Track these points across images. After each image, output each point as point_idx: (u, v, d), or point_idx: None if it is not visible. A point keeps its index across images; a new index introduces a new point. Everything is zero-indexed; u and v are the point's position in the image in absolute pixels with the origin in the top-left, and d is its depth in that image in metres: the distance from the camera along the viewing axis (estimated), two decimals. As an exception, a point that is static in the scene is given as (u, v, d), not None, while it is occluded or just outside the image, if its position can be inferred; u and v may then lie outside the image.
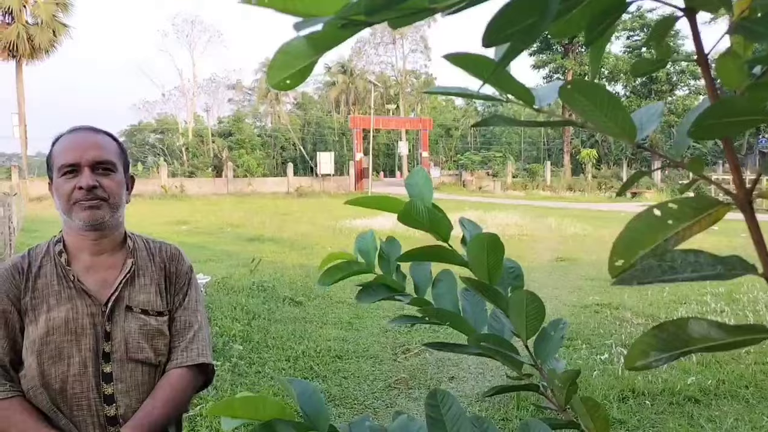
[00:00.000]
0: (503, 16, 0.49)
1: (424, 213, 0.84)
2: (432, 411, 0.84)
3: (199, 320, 1.68)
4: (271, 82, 0.57)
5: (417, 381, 4.92)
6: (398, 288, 1.01)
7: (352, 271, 1.05)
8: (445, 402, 0.85)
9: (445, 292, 1.00)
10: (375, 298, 1.01)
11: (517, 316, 0.88)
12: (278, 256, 11.85)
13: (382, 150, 57.81)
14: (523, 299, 0.86)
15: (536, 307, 0.86)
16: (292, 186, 35.13)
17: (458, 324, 0.94)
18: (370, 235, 1.07)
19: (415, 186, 0.90)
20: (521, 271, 0.96)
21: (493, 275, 0.87)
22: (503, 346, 0.89)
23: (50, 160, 1.58)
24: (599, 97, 0.58)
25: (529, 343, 0.91)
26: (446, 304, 0.99)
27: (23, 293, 1.53)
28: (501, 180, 39.61)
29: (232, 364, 5.15)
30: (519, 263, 0.98)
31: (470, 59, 0.61)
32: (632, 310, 7.19)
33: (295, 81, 0.57)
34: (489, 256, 0.86)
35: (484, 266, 0.87)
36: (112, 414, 1.51)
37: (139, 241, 1.68)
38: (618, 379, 4.82)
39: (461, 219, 1.00)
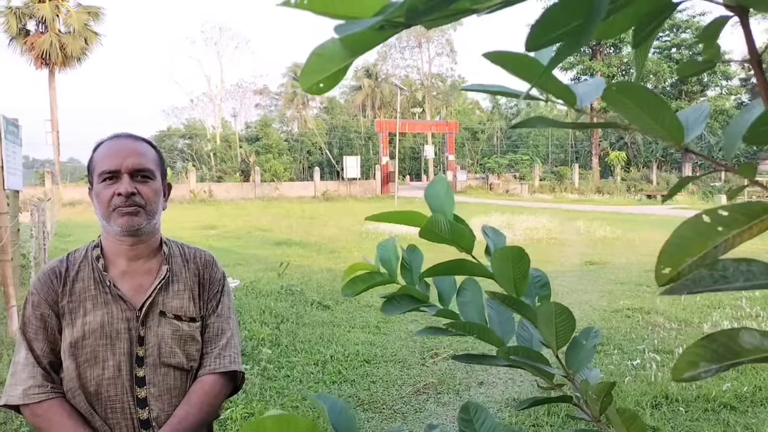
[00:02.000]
0: (548, 19, 0.48)
1: (446, 227, 0.82)
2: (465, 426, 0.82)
3: (231, 327, 1.69)
4: (305, 85, 0.56)
5: (446, 386, 4.89)
6: (422, 298, 1.00)
7: (375, 282, 1.04)
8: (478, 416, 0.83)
9: (470, 301, 0.99)
10: (400, 310, 1.00)
11: (546, 327, 0.86)
12: (306, 260, 11.91)
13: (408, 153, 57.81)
14: (552, 311, 0.84)
15: (566, 318, 0.84)
16: (319, 190, 35.28)
17: (486, 336, 0.93)
18: (391, 243, 1.05)
19: (436, 197, 0.88)
20: (547, 280, 0.94)
21: (519, 288, 0.85)
22: (533, 358, 0.87)
23: (91, 165, 1.60)
24: (644, 98, 0.57)
25: (559, 353, 0.89)
26: (472, 312, 0.97)
27: (61, 297, 1.56)
28: (528, 183, 39.29)
29: (261, 367, 5.18)
30: (546, 270, 0.96)
31: (512, 58, 0.60)
32: (665, 314, 7.06)
33: (329, 85, 0.57)
34: (514, 269, 0.84)
35: (510, 279, 0.85)
36: (145, 417, 1.53)
37: (174, 247, 1.69)
38: (651, 385, 4.73)
39: (484, 227, 0.98)
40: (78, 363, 1.52)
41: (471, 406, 0.79)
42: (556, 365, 0.89)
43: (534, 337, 0.95)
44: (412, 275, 1.02)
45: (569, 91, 0.65)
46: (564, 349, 0.88)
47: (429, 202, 0.88)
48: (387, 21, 0.47)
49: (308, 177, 41.53)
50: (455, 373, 5.17)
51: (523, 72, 0.61)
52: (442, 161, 46.34)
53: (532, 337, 0.95)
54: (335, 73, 0.55)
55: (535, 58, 0.61)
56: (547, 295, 0.92)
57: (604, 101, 0.60)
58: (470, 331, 0.93)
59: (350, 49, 0.53)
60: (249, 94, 56.15)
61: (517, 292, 0.84)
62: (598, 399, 0.83)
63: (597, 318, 6.98)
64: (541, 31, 0.49)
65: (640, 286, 8.91)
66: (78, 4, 34.39)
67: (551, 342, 0.85)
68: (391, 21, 0.48)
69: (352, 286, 1.03)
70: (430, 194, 0.88)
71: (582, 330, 0.91)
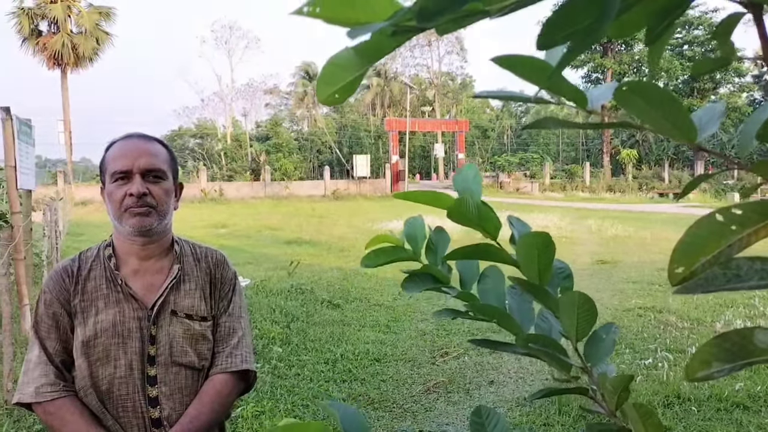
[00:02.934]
0: (560, 17, 0.48)
1: (474, 210, 0.82)
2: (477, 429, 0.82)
3: (242, 327, 1.69)
4: (321, 97, 0.57)
5: (456, 385, 4.88)
6: (444, 280, 0.99)
7: (399, 257, 1.03)
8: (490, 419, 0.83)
9: (491, 288, 0.98)
10: (421, 288, 0.99)
11: (568, 317, 0.85)
12: (316, 258, 11.93)
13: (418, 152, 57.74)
14: (575, 301, 0.83)
15: (588, 309, 0.84)
16: (329, 189, 35.31)
17: (505, 322, 0.92)
18: (419, 220, 1.04)
19: (464, 182, 0.88)
20: (571, 272, 0.94)
21: (543, 275, 0.85)
22: (552, 347, 0.87)
23: (103, 165, 1.60)
24: (657, 97, 0.56)
25: (578, 346, 0.89)
26: (492, 300, 0.97)
27: (73, 296, 1.57)
28: (539, 181, 39.14)
29: (272, 366, 5.19)
30: (567, 264, 0.95)
31: (521, 61, 0.59)
32: (677, 313, 7.02)
33: (344, 94, 0.57)
34: (540, 256, 0.83)
35: (535, 266, 0.84)
36: (156, 416, 1.54)
37: (185, 246, 1.70)
38: (663, 385, 4.70)
39: (509, 217, 0.97)
40: (90, 362, 1.53)
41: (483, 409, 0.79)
42: (574, 357, 0.89)
43: (553, 329, 0.94)
44: (437, 256, 1.01)
45: (579, 93, 0.65)
46: (583, 342, 0.88)
47: (457, 186, 0.87)
48: (398, 25, 0.47)
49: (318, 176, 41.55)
50: (465, 372, 5.16)
51: (532, 75, 0.61)
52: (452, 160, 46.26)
53: (551, 329, 0.95)
54: (350, 82, 0.55)
55: (543, 61, 0.61)
56: (570, 287, 0.92)
57: (616, 101, 0.60)
58: (490, 315, 0.93)
59: (364, 57, 0.54)
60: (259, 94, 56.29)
61: (540, 280, 0.84)
62: (615, 392, 0.83)
63: (609, 317, 6.95)
64: (552, 29, 0.49)
65: (652, 284, 8.86)
66: (89, 5, 34.61)
67: (571, 333, 0.85)
68: (402, 25, 0.48)
69: (374, 258, 1.02)
70: (459, 180, 0.88)
71: (603, 325, 0.91)
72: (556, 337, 0.93)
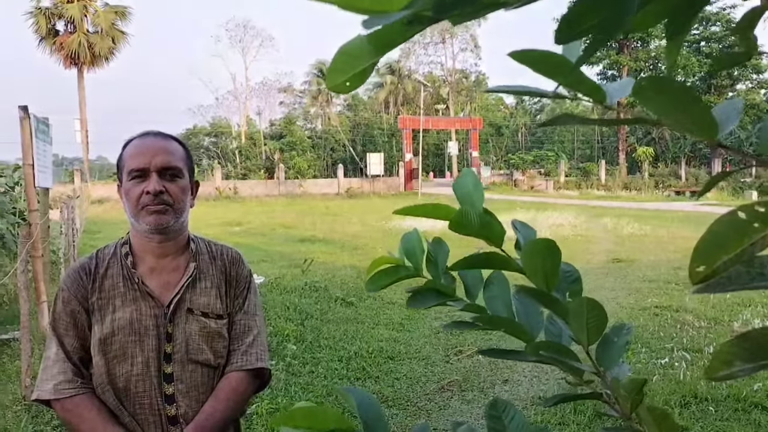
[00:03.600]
0: (578, 11, 0.47)
1: (475, 219, 0.81)
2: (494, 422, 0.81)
3: (258, 325, 1.70)
4: (330, 84, 0.56)
5: (470, 383, 4.87)
6: (449, 292, 0.99)
7: (400, 276, 1.03)
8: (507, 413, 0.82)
9: (497, 295, 0.97)
10: (426, 305, 0.99)
11: (578, 323, 0.84)
12: (329, 256, 11.95)
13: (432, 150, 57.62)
14: (584, 307, 0.82)
15: (597, 315, 0.83)
16: (342, 187, 35.36)
17: (513, 330, 0.91)
18: (414, 235, 1.03)
19: (464, 189, 0.86)
20: (579, 275, 0.92)
21: (550, 282, 0.84)
22: (563, 354, 0.86)
23: (120, 163, 1.61)
24: (676, 93, 0.55)
25: (590, 349, 0.88)
26: (499, 307, 0.96)
27: (91, 293, 1.58)
28: (553, 179, 38.90)
29: (286, 363, 5.21)
30: (575, 265, 0.94)
31: (539, 56, 0.59)
32: (693, 312, 6.95)
33: (355, 83, 0.56)
34: (545, 262, 0.82)
35: (540, 273, 0.83)
36: (172, 413, 1.55)
37: (201, 244, 1.71)
38: (679, 384, 4.66)
39: (513, 221, 0.96)
40: (107, 359, 1.54)
41: (500, 402, 0.78)
42: (586, 362, 0.88)
43: (563, 333, 0.93)
44: (438, 269, 1.00)
45: (598, 88, 0.64)
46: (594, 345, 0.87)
47: (457, 194, 0.86)
48: (414, 15, 0.47)
49: (332, 174, 41.65)
50: (480, 370, 5.15)
51: (549, 70, 0.60)
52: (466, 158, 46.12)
53: (561, 333, 0.94)
54: (361, 72, 0.55)
55: (562, 56, 0.60)
56: (579, 290, 0.90)
57: (634, 97, 0.59)
58: (498, 326, 0.92)
59: (376, 47, 0.53)
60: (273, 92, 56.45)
61: (547, 286, 0.83)
62: (629, 396, 0.82)
63: (624, 316, 6.89)
64: (570, 23, 0.48)
65: (668, 283, 8.78)
66: (105, 4, 34.92)
67: (582, 338, 0.84)
68: (418, 15, 0.47)
69: (377, 281, 1.02)
70: (459, 187, 0.87)
71: (613, 327, 0.89)
72: (566, 341, 0.92)
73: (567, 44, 0.59)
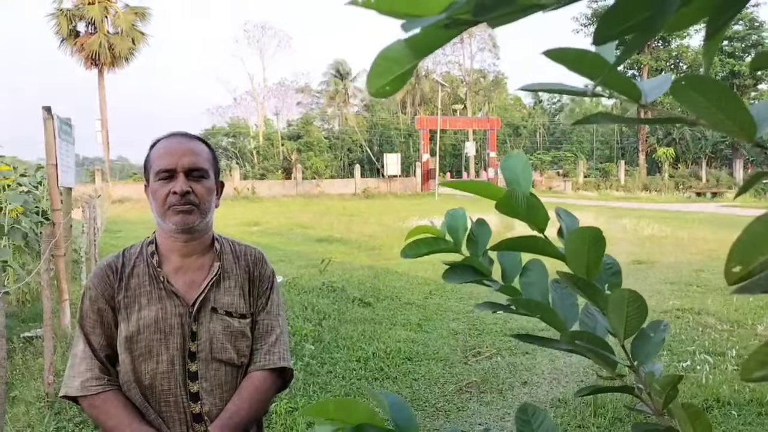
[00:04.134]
0: (618, 10, 0.47)
1: (522, 202, 0.80)
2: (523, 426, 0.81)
3: (280, 324, 1.71)
4: (371, 89, 0.56)
5: (489, 385, 4.85)
6: (486, 272, 0.98)
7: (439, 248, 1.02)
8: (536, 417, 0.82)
9: (534, 282, 0.96)
10: (462, 280, 0.98)
11: (617, 315, 0.83)
12: (347, 257, 11.97)
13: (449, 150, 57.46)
14: (625, 298, 0.81)
15: (638, 308, 0.81)
16: (359, 187, 35.42)
17: (549, 317, 0.90)
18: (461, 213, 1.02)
19: (513, 170, 0.86)
20: (620, 268, 0.91)
21: (591, 271, 0.83)
22: (598, 345, 0.85)
23: (147, 163, 1.63)
24: (715, 93, 0.55)
25: (625, 344, 0.87)
26: (535, 294, 0.95)
27: (117, 292, 1.60)
28: (572, 180, 38.65)
29: (305, 363, 5.23)
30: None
31: (574, 55, 0.58)
32: (716, 315, 6.86)
33: (394, 87, 0.56)
34: (590, 251, 0.81)
35: (584, 261, 0.82)
36: (197, 411, 1.56)
37: (225, 244, 1.72)
38: (701, 388, 4.60)
39: (557, 209, 0.95)
40: (133, 357, 1.56)
41: (529, 407, 0.77)
42: (620, 355, 0.87)
43: (598, 325, 0.92)
44: (478, 248, 0.99)
45: (634, 87, 0.63)
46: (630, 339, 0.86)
47: (505, 175, 0.86)
48: (453, 18, 0.46)
49: (349, 174, 41.73)
50: (498, 372, 5.13)
51: (585, 68, 0.60)
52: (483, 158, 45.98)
53: (596, 325, 0.93)
54: (401, 75, 0.55)
55: (597, 55, 0.59)
56: (618, 283, 0.90)
57: (673, 95, 0.58)
58: (533, 311, 0.91)
59: (415, 50, 0.53)
60: (291, 93, 56.67)
61: (588, 275, 0.82)
62: (663, 392, 0.81)
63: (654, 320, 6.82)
64: (610, 23, 0.48)
65: (690, 285, 8.68)
66: (126, 5, 35.30)
67: (619, 331, 0.83)
68: (456, 18, 0.47)
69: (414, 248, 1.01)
70: (507, 167, 0.86)
71: (650, 322, 0.88)
72: (601, 334, 0.91)
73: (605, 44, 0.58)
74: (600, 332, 0.91)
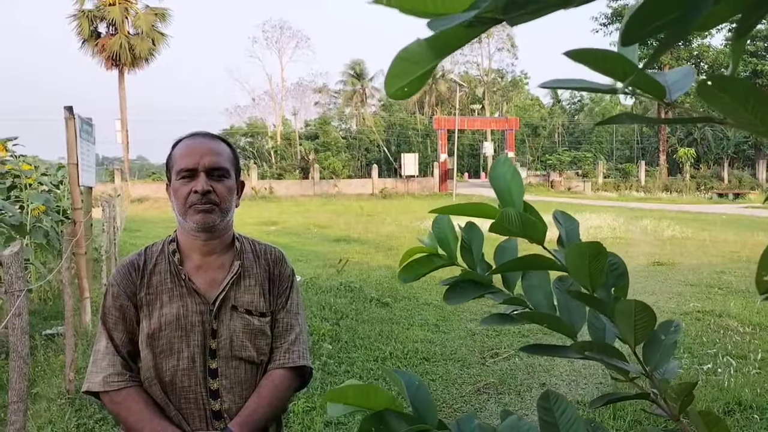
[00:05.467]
0: (647, 8, 0.46)
1: (517, 221, 0.79)
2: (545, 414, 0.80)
3: (300, 323, 1.72)
4: (390, 90, 0.55)
5: (507, 386, 4.82)
6: (486, 282, 0.96)
7: (434, 265, 1.00)
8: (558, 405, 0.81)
9: (536, 285, 0.94)
10: (464, 299, 0.96)
11: (625, 325, 0.82)
12: (364, 257, 11.98)
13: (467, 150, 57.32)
14: (632, 310, 0.79)
15: (646, 316, 0.80)
16: (377, 187, 35.42)
17: (557, 326, 0.89)
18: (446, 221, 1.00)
19: (502, 180, 0.83)
20: (625, 268, 0.88)
21: (594, 283, 0.81)
22: (609, 353, 0.84)
23: (169, 162, 1.65)
24: (743, 93, 0.54)
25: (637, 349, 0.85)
26: (539, 297, 0.93)
27: (139, 289, 1.62)
28: (591, 180, 38.32)
29: (322, 362, 5.24)
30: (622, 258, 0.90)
31: (598, 55, 0.58)
32: (737, 318, 6.76)
33: (413, 88, 0.56)
34: (591, 266, 0.79)
35: (586, 275, 0.81)
36: (217, 408, 1.57)
37: (246, 243, 1.73)
38: (723, 391, 4.54)
39: (555, 213, 0.94)
40: (154, 353, 1.57)
41: (551, 395, 0.76)
42: (633, 361, 0.86)
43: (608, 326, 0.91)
44: (473, 257, 0.97)
45: (658, 85, 0.62)
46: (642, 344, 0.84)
47: (494, 185, 0.84)
48: (478, 17, 0.46)
49: (366, 174, 41.73)
50: (516, 373, 5.10)
51: (609, 69, 0.59)
52: (502, 158, 45.62)
53: (606, 326, 0.91)
54: (420, 76, 0.54)
55: (622, 55, 0.59)
56: (624, 285, 0.88)
57: (698, 96, 0.57)
58: (540, 322, 0.90)
59: (436, 50, 0.52)
60: (309, 93, 56.83)
61: (592, 287, 0.80)
62: (678, 398, 0.80)
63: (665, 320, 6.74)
64: (638, 24, 0.47)
65: (711, 288, 8.57)
66: (146, 6, 35.64)
67: (629, 339, 0.82)
68: (481, 17, 0.47)
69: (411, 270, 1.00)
70: (495, 176, 0.84)
71: (660, 323, 0.86)
72: (611, 335, 0.90)
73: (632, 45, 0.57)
74: (609, 334, 0.89)
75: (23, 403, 2.31)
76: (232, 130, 56.20)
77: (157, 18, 35.63)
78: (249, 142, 53.32)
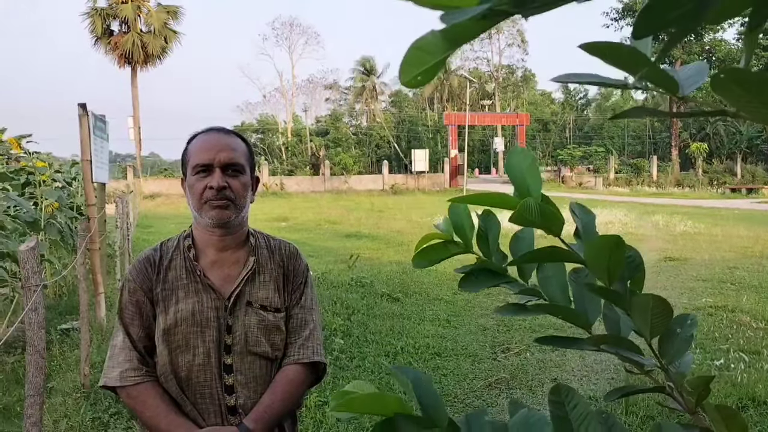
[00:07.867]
0: (659, 2, 0.46)
1: (536, 212, 0.79)
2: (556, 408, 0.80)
3: (314, 319, 1.73)
4: (404, 78, 0.56)
5: (518, 381, 4.82)
6: (501, 271, 0.96)
7: (450, 252, 1.00)
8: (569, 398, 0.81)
9: (552, 275, 0.94)
10: (479, 287, 0.95)
11: (641, 319, 0.82)
12: (375, 252, 11.99)
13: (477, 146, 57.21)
14: (648, 304, 0.80)
15: (662, 311, 0.80)
16: (387, 183, 35.42)
17: (572, 318, 0.89)
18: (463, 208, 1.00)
19: (518, 169, 0.83)
20: (641, 260, 0.88)
21: (612, 278, 0.81)
22: (624, 346, 0.84)
23: (185, 158, 1.66)
24: (758, 86, 0.54)
25: (652, 342, 0.85)
26: (554, 287, 0.93)
27: (155, 284, 1.63)
28: (603, 176, 38.09)
29: (334, 357, 5.26)
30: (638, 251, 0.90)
31: (611, 48, 0.58)
32: (750, 313, 6.72)
33: (427, 77, 0.56)
34: (610, 259, 0.79)
35: (604, 269, 0.81)
36: (232, 404, 1.59)
37: (260, 238, 1.74)
38: (736, 387, 4.52)
39: (571, 205, 0.93)
40: (170, 349, 1.59)
41: (562, 388, 0.76)
42: (648, 354, 0.86)
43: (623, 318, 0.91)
44: (489, 245, 0.98)
45: (671, 79, 0.62)
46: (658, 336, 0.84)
47: (511, 176, 0.84)
48: (492, 9, 0.47)
49: (377, 170, 41.70)
50: (527, 368, 5.10)
51: (622, 62, 0.59)
52: (512, 154, 45.48)
53: (620, 317, 0.91)
54: (433, 66, 0.55)
55: (636, 48, 0.59)
56: (640, 278, 0.88)
57: (712, 89, 0.58)
58: (556, 313, 0.90)
59: (449, 41, 0.53)
60: (319, 89, 56.97)
61: (610, 282, 0.81)
62: (694, 393, 0.80)
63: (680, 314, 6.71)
64: (651, 16, 0.48)
65: (723, 283, 8.51)
66: (158, 4, 35.79)
67: (645, 332, 0.82)
68: (495, 9, 0.47)
69: (425, 256, 0.99)
70: (511, 167, 0.84)
71: (676, 317, 0.86)
72: (626, 327, 0.90)
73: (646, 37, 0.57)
74: (624, 325, 0.89)
75: (39, 396, 2.34)
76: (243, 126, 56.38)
77: (169, 15, 35.77)
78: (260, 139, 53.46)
